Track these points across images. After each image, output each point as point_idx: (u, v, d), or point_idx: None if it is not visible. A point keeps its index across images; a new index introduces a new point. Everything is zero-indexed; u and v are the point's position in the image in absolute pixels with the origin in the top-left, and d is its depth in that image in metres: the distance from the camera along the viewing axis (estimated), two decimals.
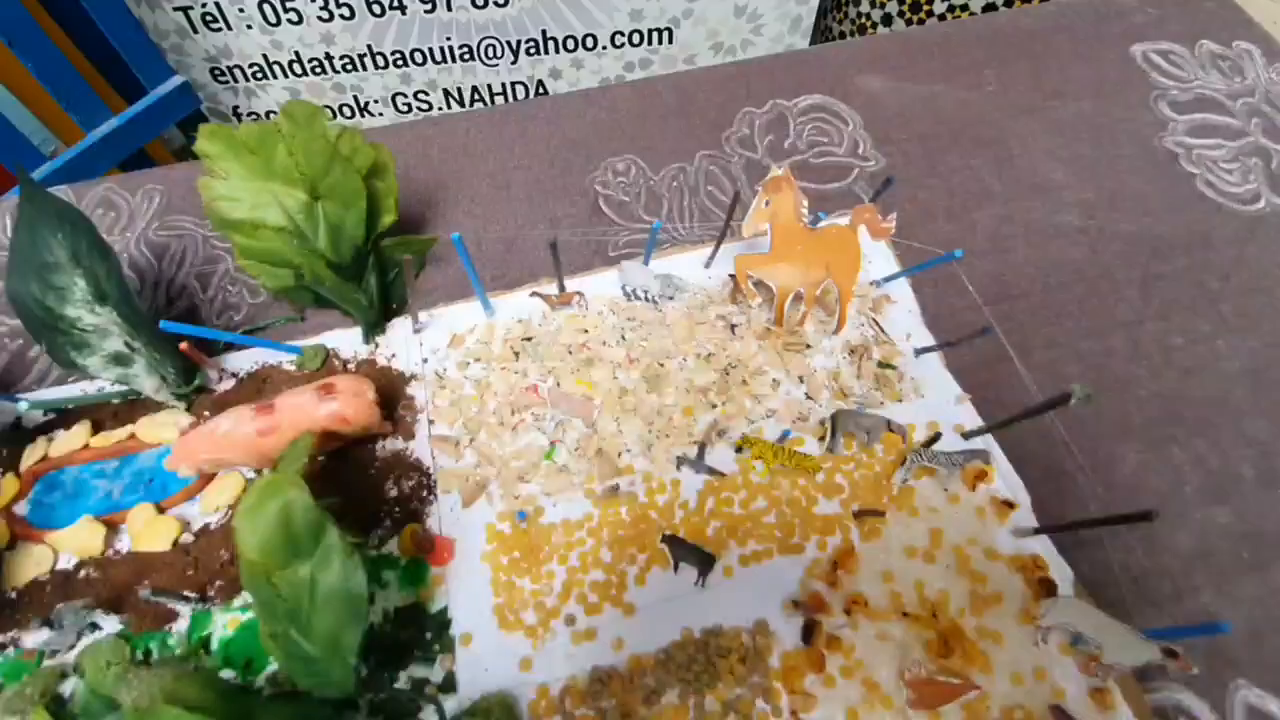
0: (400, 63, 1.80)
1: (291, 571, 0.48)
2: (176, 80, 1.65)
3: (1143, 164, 0.98)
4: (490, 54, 1.81)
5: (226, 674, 0.62)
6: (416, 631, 0.63)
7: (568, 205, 0.92)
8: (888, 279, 0.82)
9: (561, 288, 0.78)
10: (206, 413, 0.74)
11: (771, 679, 0.62)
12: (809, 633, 0.64)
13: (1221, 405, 0.79)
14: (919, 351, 0.78)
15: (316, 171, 0.71)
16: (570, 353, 0.78)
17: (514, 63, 1.85)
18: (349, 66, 1.79)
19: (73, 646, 0.63)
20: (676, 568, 0.67)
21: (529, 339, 0.79)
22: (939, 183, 0.95)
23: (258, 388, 0.76)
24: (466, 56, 1.81)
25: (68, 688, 0.61)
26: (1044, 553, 0.68)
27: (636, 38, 1.82)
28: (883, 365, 0.78)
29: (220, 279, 0.87)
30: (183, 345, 0.66)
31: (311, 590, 0.48)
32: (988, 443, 0.71)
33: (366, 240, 0.77)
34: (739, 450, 0.73)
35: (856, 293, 0.83)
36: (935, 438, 0.70)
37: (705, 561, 0.66)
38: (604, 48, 1.84)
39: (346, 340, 0.80)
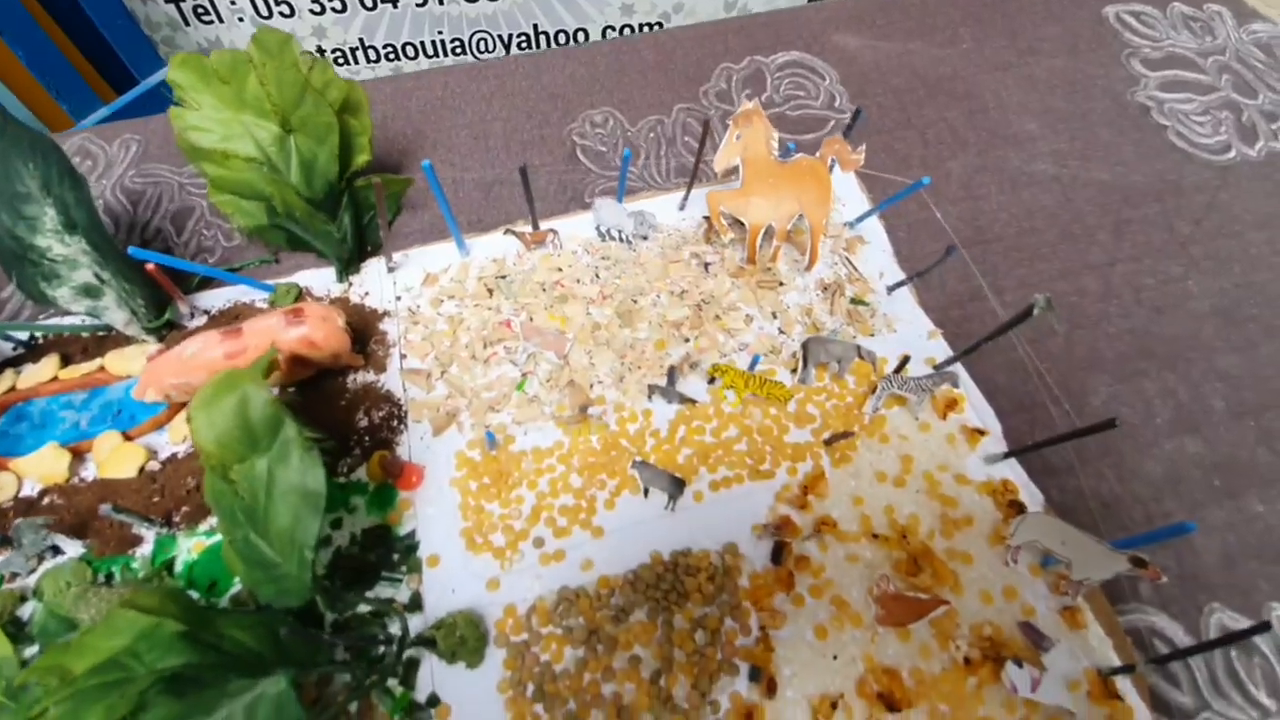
0: (392, 56, 1.80)
1: (248, 465, 0.48)
2: (167, 71, 1.66)
3: (1115, 116, 0.99)
4: (482, 47, 1.82)
5: (190, 595, 0.61)
6: (384, 553, 0.63)
7: (545, 154, 0.93)
8: (860, 218, 0.83)
9: (534, 223, 0.79)
10: None
11: (740, 598, 0.62)
12: (778, 554, 0.64)
13: (1192, 341, 0.80)
14: (891, 288, 0.79)
15: (288, 103, 0.71)
16: (544, 290, 0.78)
17: (505, 57, 1.86)
18: (341, 60, 1.79)
19: (33, 571, 0.62)
20: (647, 493, 0.67)
21: (503, 277, 0.79)
22: (914, 134, 0.96)
23: (229, 324, 0.76)
24: (459, 50, 1.81)
25: (27, 611, 0.61)
26: (1014, 478, 0.68)
27: (627, 32, 1.83)
28: (855, 302, 0.78)
29: (195, 223, 0.87)
30: (149, 266, 0.66)
31: (269, 485, 0.48)
32: (957, 371, 0.71)
33: (340, 178, 0.77)
34: (711, 381, 0.73)
35: (829, 234, 0.83)
36: (905, 362, 0.70)
37: (675, 486, 0.66)
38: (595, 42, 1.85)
39: (320, 279, 0.80)
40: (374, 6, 1.68)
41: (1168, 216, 0.90)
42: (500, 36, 1.79)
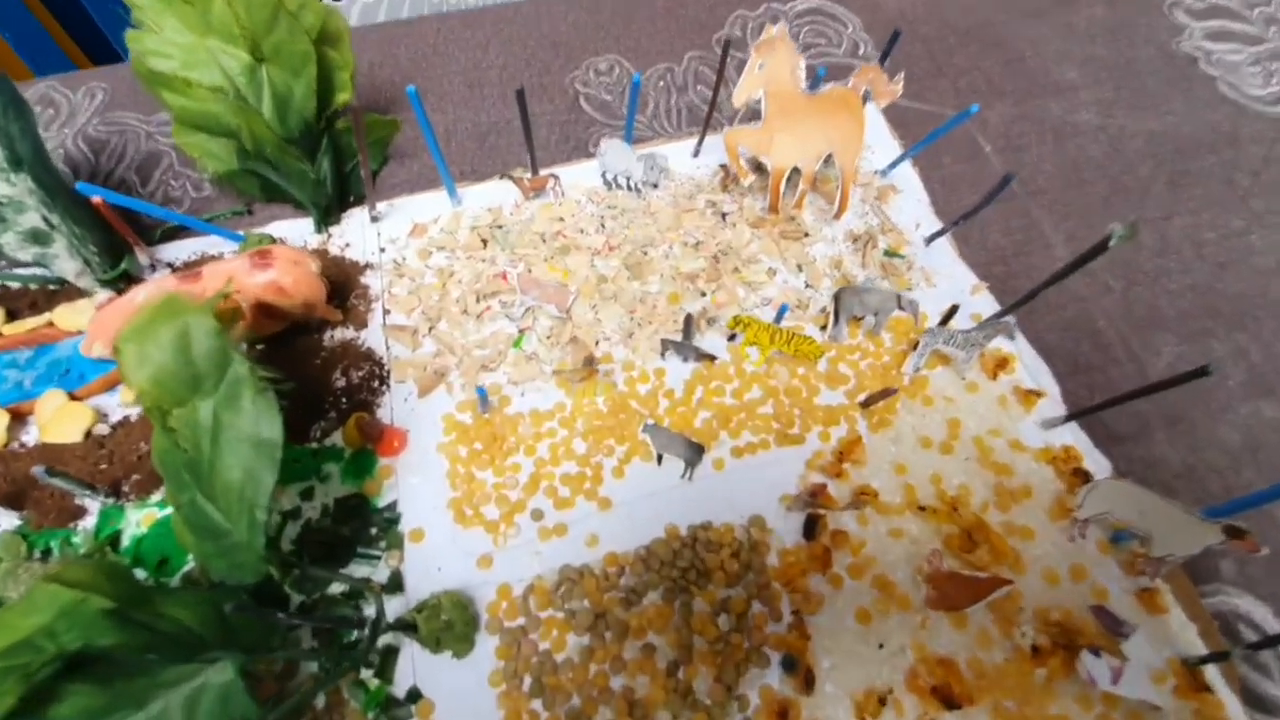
0: None
1: (190, 410, 0.40)
2: None
3: (1161, 66, 0.91)
4: None
5: (137, 573, 0.53)
6: (359, 526, 0.55)
7: (546, 103, 0.85)
8: (895, 162, 0.75)
9: (533, 165, 0.71)
10: None
11: (769, 578, 0.54)
12: (811, 528, 0.56)
13: (1260, 299, 0.72)
14: (930, 238, 0.71)
15: (259, 27, 0.63)
16: (544, 241, 0.71)
17: (503, 3, 1.79)
18: None
19: None
20: (660, 460, 0.59)
21: (499, 227, 0.71)
22: (946, 83, 0.88)
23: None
24: None
25: None
26: (1077, 445, 0.61)
27: None
28: (889, 254, 0.71)
29: (162, 173, 0.79)
30: (97, 201, 0.58)
31: (214, 432, 0.40)
32: (1013, 322, 0.62)
33: (319, 116, 0.70)
34: (731, 338, 0.65)
35: (859, 182, 0.75)
36: (952, 313, 0.63)
37: (693, 452, 0.58)
38: None
39: (297, 230, 0.72)
40: None
41: (1225, 169, 0.82)
42: None
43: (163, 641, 0.40)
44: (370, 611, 0.50)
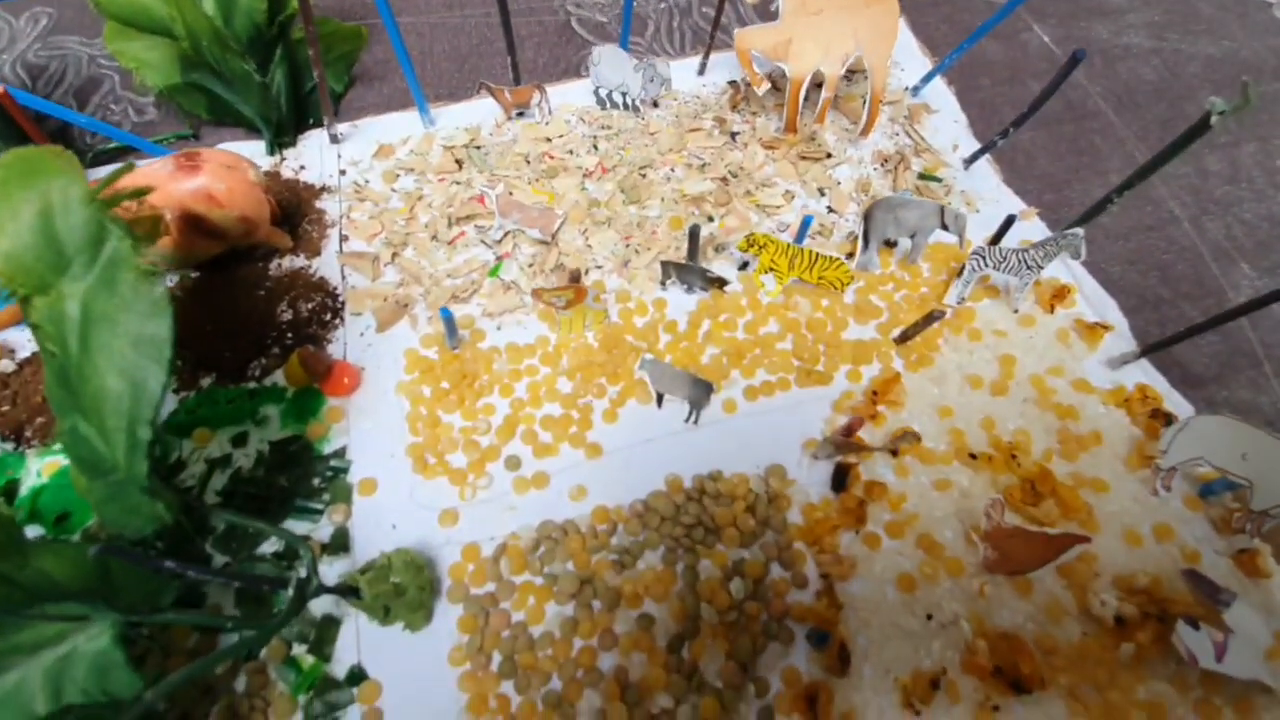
0: None
1: (55, 298, 0.31)
2: None
3: None
4: None
5: (33, 530, 0.44)
6: (299, 475, 0.46)
7: (534, 25, 0.76)
8: (929, 75, 0.66)
9: (516, 75, 0.62)
10: None
11: (792, 538, 0.45)
12: (841, 479, 0.46)
13: None
14: (970, 160, 0.62)
15: None
16: (528, 163, 0.62)
17: None
18: None
19: None
20: (660, 401, 0.50)
21: (477, 148, 0.62)
22: (979, 2, 0.80)
23: None
24: None
25: None
26: (1153, 385, 0.51)
27: None
28: (924, 177, 0.61)
29: (102, 97, 0.70)
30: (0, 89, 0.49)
31: (84, 328, 0.31)
32: (1074, 243, 0.53)
33: (270, 23, 0.61)
34: (743, 267, 0.56)
35: (887, 100, 0.66)
36: (1007, 227, 0.53)
37: (699, 392, 0.49)
38: None
39: (245, 152, 0.63)
40: None
41: None
42: None
43: (22, 598, 0.31)
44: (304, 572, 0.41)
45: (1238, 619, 0.41)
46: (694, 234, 0.50)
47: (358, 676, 0.40)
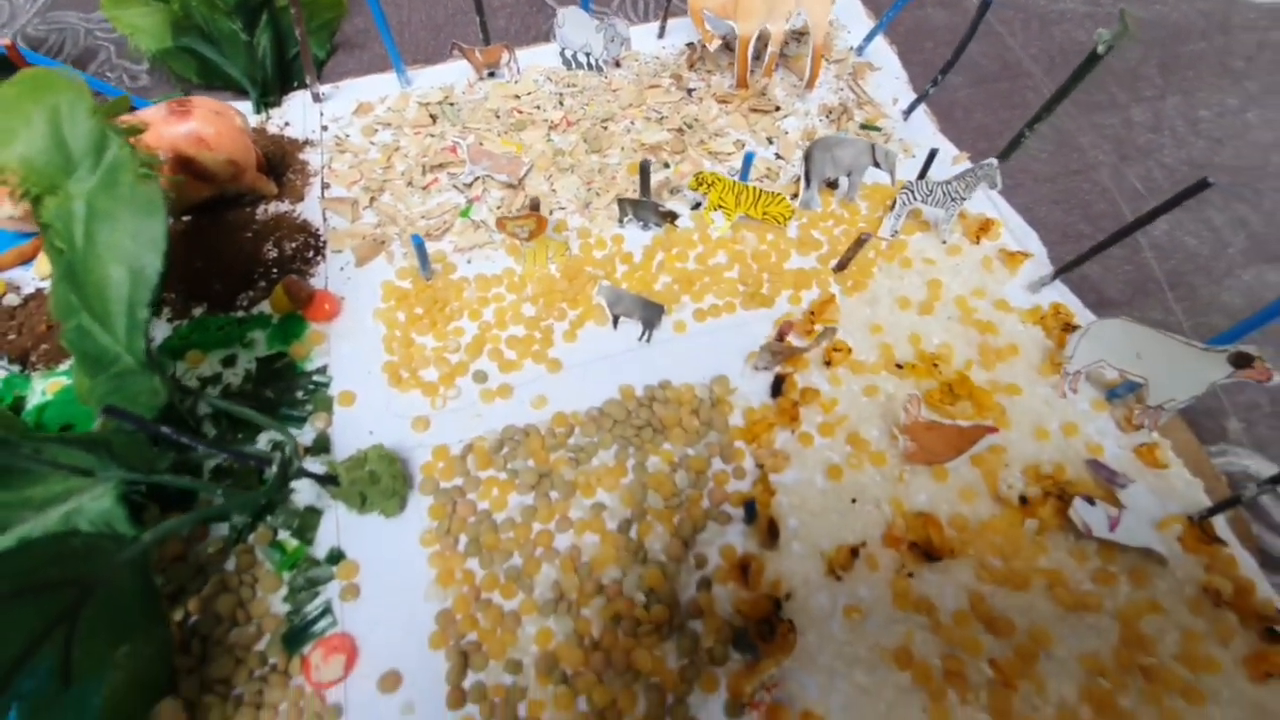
0: None
1: (64, 198, 0.35)
2: None
3: None
4: None
5: None
6: (284, 389, 0.50)
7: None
8: (870, 35, 0.71)
9: (485, 35, 0.67)
10: None
11: (733, 437, 0.49)
12: (778, 387, 0.51)
13: (1260, 171, 0.68)
14: (908, 110, 0.67)
15: None
16: (497, 117, 0.66)
17: None
18: None
19: None
20: (616, 322, 0.54)
21: (450, 104, 0.67)
22: None
23: None
24: None
25: None
26: (1068, 305, 0.56)
27: None
28: (866, 126, 0.66)
29: (98, 66, 0.75)
30: (5, 41, 0.54)
31: (89, 222, 0.35)
32: (994, 165, 0.57)
33: None
34: (695, 207, 0.61)
35: (832, 59, 0.71)
36: (930, 160, 0.58)
37: (652, 313, 0.53)
38: None
39: None
40: None
41: (1218, 54, 0.78)
42: None
43: (31, 465, 0.36)
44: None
45: (1132, 497, 0.46)
46: (644, 169, 0.54)
47: (337, 556, 0.44)
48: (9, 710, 0.31)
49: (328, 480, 0.44)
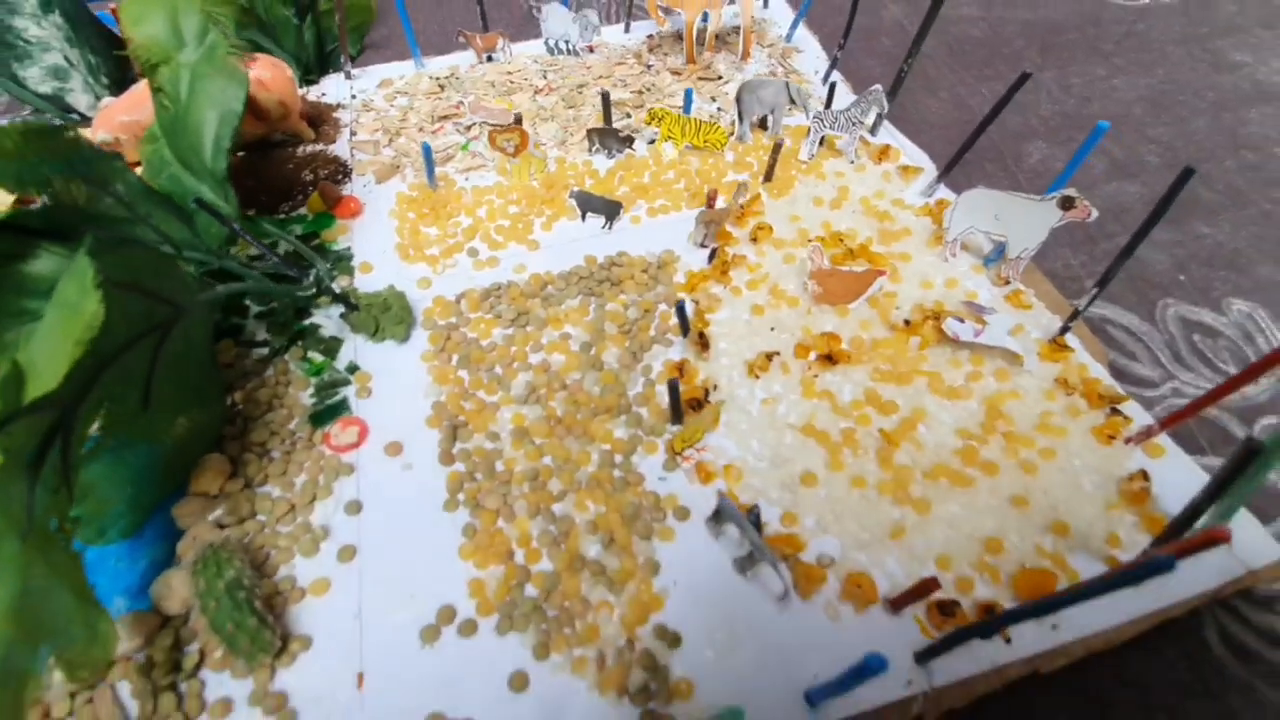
0: None
1: (174, 67, 0.49)
2: None
3: None
4: None
5: None
6: (316, 255, 0.62)
7: (504, 11, 1.00)
8: (793, 24, 0.88)
9: (484, 23, 0.84)
10: None
11: (675, 290, 0.61)
12: (714, 256, 0.63)
13: (1124, 119, 0.82)
14: (825, 75, 0.82)
15: None
16: (493, 86, 0.82)
17: None
18: None
19: None
20: (584, 216, 0.67)
21: (455, 78, 0.83)
22: None
23: None
24: None
25: None
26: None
27: None
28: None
29: None
30: (113, 7, 0.70)
31: (192, 83, 0.49)
32: (879, 91, 0.71)
33: None
34: (651, 143, 0.75)
35: (764, 44, 0.88)
36: (830, 93, 0.73)
37: (613, 209, 0.66)
38: None
39: None
40: None
41: (1089, 40, 0.95)
42: None
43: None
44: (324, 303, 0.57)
45: (994, 320, 0.57)
46: (605, 99, 0.69)
47: (354, 368, 0.55)
48: (100, 406, 0.41)
49: (350, 306, 0.55)
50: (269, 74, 0.69)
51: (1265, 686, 0.43)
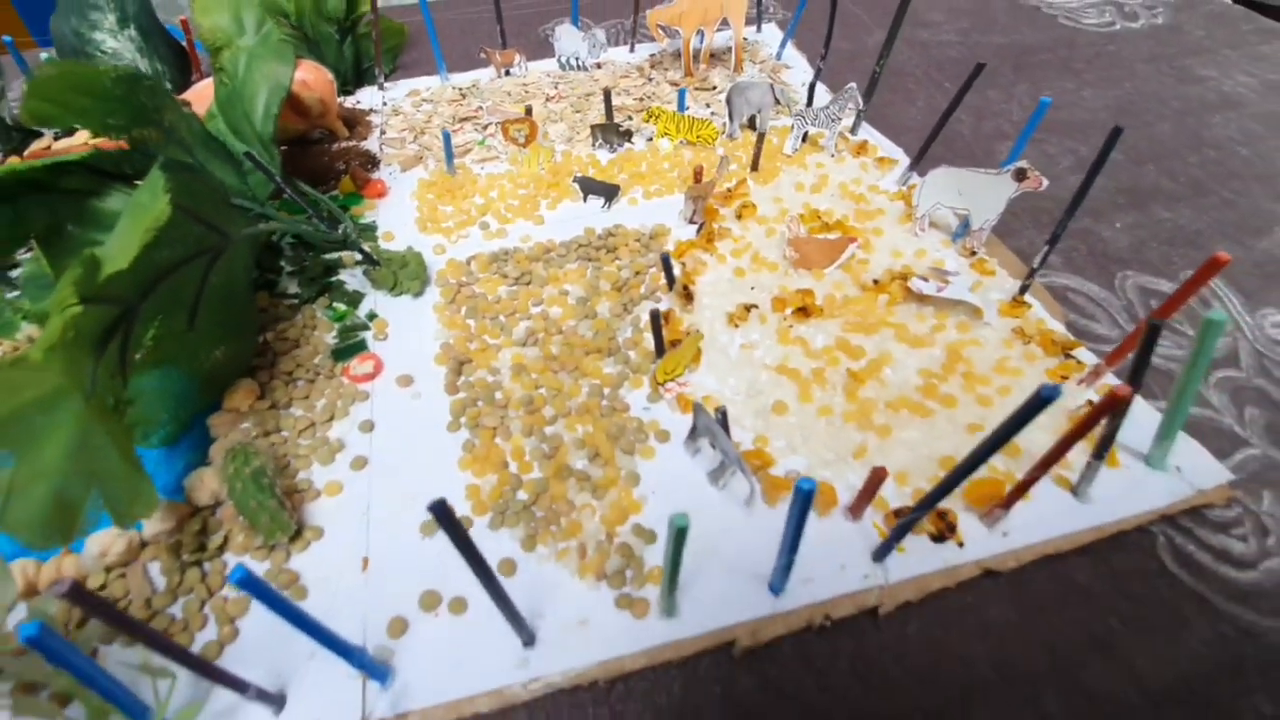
0: None
1: (234, 50, 0.58)
2: None
3: (1009, 9, 1.15)
4: None
5: None
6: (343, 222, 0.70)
7: (522, 40, 1.10)
8: (782, 43, 0.96)
9: (503, 40, 0.93)
10: None
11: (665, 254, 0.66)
12: (700, 228, 0.69)
13: (1090, 125, 0.88)
14: (810, 85, 0.90)
15: None
16: (509, 95, 0.91)
17: None
18: None
19: None
20: (586, 198, 0.74)
21: (476, 88, 0.92)
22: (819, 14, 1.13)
23: None
24: None
25: None
26: None
27: None
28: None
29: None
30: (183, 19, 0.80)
31: (249, 63, 0.57)
32: (854, 89, 0.78)
33: (346, 16, 0.94)
34: (649, 140, 0.82)
35: (755, 61, 0.96)
36: (811, 91, 0.80)
37: (611, 192, 0.73)
38: None
39: None
40: None
41: (1062, 60, 1.02)
42: None
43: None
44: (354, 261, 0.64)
45: (960, 283, 0.62)
46: (607, 96, 0.77)
47: (373, 315, 0.61)
48: (155, 317, 0.47)
49: (372, 261, 0.62)
50: (311, 76, 0.78)
51: (1220, 598, 0.45)
